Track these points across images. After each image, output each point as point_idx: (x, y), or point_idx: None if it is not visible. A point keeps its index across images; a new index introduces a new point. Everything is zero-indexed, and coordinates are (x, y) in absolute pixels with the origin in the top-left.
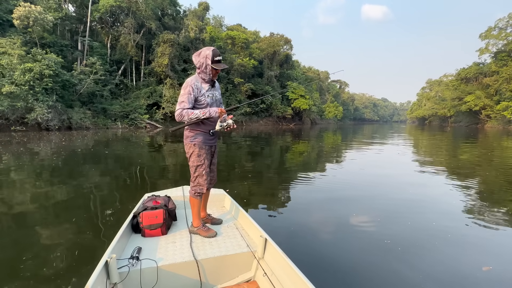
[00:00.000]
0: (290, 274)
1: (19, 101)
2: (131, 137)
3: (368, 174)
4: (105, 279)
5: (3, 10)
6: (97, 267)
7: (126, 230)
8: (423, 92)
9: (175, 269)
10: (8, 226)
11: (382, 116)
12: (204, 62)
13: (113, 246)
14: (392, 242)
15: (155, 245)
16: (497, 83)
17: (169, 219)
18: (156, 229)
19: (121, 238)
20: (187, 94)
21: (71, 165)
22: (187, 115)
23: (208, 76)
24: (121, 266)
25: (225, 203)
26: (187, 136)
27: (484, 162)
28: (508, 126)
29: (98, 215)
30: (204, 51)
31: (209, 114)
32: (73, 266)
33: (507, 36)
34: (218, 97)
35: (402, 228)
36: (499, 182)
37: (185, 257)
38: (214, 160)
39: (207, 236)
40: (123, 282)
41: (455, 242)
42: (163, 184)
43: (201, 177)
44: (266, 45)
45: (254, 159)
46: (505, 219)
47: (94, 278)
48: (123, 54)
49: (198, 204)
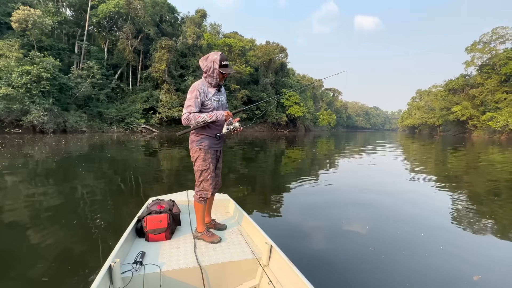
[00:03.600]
0: (297, 282)
1: (15, 103)
2: (127, 141)
3: (370, 180)
4: (108, 284)
5: (1, 12)
6: (101, 272)
7: (130, 234)
8: (413, 101)
9: (178, 275)
10: (11, 230)
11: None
12: (212, 66)
13: (116, 251)
14: (379, 251)
15: (159, 250)
16: (482, 95)
17: (173, 224)
18: (160, 233)
19: (125, 243)
20: (194, 98)
21: (73, 169)
22: (194, 118)
23: (215, 81)
24: (125, 270)
25: (229, 208)
26: (192, 140)
27: (471, 171)
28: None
29: (100, 219)
30: (212, 55)
31: (216, 118)
32: (76, 270)
33: (491, 50)
34: (224, 101)
35: (390, 237)
36: (487, 191)
37: (189, 263)
38: (219, 165)
39: (211, 241)
40: (126, 287)
41: (445, 251)
42: (165, 188)
43: (206, 182)
44: (262, 53)
45: (251, 165)
46: (493, 228)
47: (97, 283)
48: (120, 58)
49: (202, 209)
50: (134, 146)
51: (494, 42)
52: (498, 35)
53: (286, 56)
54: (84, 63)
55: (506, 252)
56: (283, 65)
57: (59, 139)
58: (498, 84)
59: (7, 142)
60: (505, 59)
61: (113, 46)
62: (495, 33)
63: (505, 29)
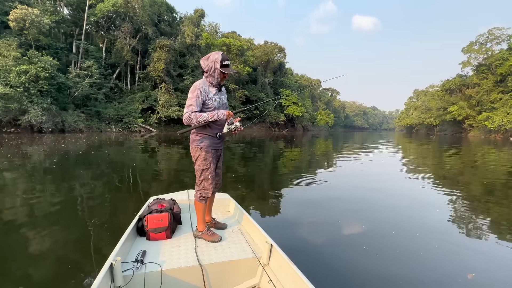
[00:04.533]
0: (297, 282)
1: (13, 103)
2: (126, 141)
3: (367, 179)
4: (110, 282)
5: None
6: (102, 270)
7: (131, 233)
8: (411, 101)
9: (179, 273)
10: (10, 229)
11: (371, 124)
12: (213, 66)
13: (118, 249)
14: (376, 251)
15: (159, 248)
16: (478, 95)
17: (174, 223)
18: (161, 232)
19: (126, 241)
20: (195, 98)
21: (73, 168)
22: (195, 118)
23: (216, 80)
24: (126, 269)
25: (229, 208)
26: (193, 140)
27: (467, 170)
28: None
29: (101, 218)
30: (213, 55)
31: (217, 117)
32: (77, 269)
33: (487, 51)
34: (224, 101)
35: (387, 236)
36: (481, 190)
37: (190, 261)
38: (219, 164)
39: (212, 240)
40: (127, 286)
41: (439, 250)
42: (165, 187)
43: (206, 181)
44: (261, 53)
45: (250, 164)
46: (488, 227)
47: (98, 281)
48: (119, 58)
49: (203, 208)
50: (133, 146)
51: (490, 43)
52: (494, 36)
53: (285, 56)
54: (82, 62)
55: (500, 250)
56: (281, 65)
57: (58, 138)
58: (494, 84)
59: (6, 141)
60: (501, 59)
61: (111, 46)
62: (491, 34)
63: (501, 30)
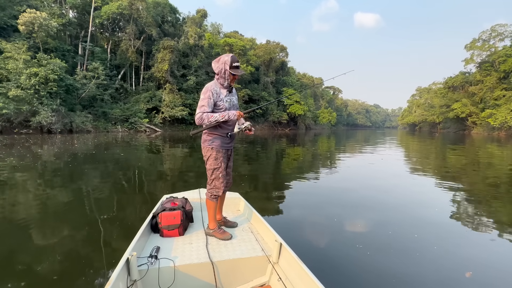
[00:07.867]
0: (306, 280)
1: (24, 105)
2: (133, 141)
3: (372, 177)
4: (126, 276)
5: (8, 15)
6: (119, 264)
7: (146, 230)
8: (413, 99)
9: (191, 269)
10: (31, 226)
11: (374, 122)
12: (223, 68)
13: (133, 245)
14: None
15: (172, 245)
16: (481, 92)
17: (186, 221)
18: (174, 229)
19: (141, 237)
20: (207, 99)
21: (89, 167)
22: (207, 118)
23: (226, 82)
24: (141, 264)
25: (240, 207)
26: (205, 140)
27: (469, 168)
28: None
29: (115, 215)
30: (223, 57)
31: (228, 117)
32: (93, 262)
33: (490, 47)
34: (235, 102)
35: (398, 236)
36: (483, 188)
37: (201, 258)
38: (230, 164)
39: (223, 238)
40: (142, 280)
41: (438, 248)
42: (178, 186)
43: (217, 180)
44: (263, 52)
45: (254, 163)
46: (487, 225)
47: (116, 274)
48: (123, 59)
49: (214, 206)
50: (141, 145)
51: (493, 40)
52: (497, 32)
53: (287, 55)
54: (88, 64)
55: (499, 248)
56: (283, 64)
57: (68, 139)
58: (497, 81)
59: (22, 142)
60: (504, 56)
61: (116, 47)
62: (494, 31)
63: (504, 26)
